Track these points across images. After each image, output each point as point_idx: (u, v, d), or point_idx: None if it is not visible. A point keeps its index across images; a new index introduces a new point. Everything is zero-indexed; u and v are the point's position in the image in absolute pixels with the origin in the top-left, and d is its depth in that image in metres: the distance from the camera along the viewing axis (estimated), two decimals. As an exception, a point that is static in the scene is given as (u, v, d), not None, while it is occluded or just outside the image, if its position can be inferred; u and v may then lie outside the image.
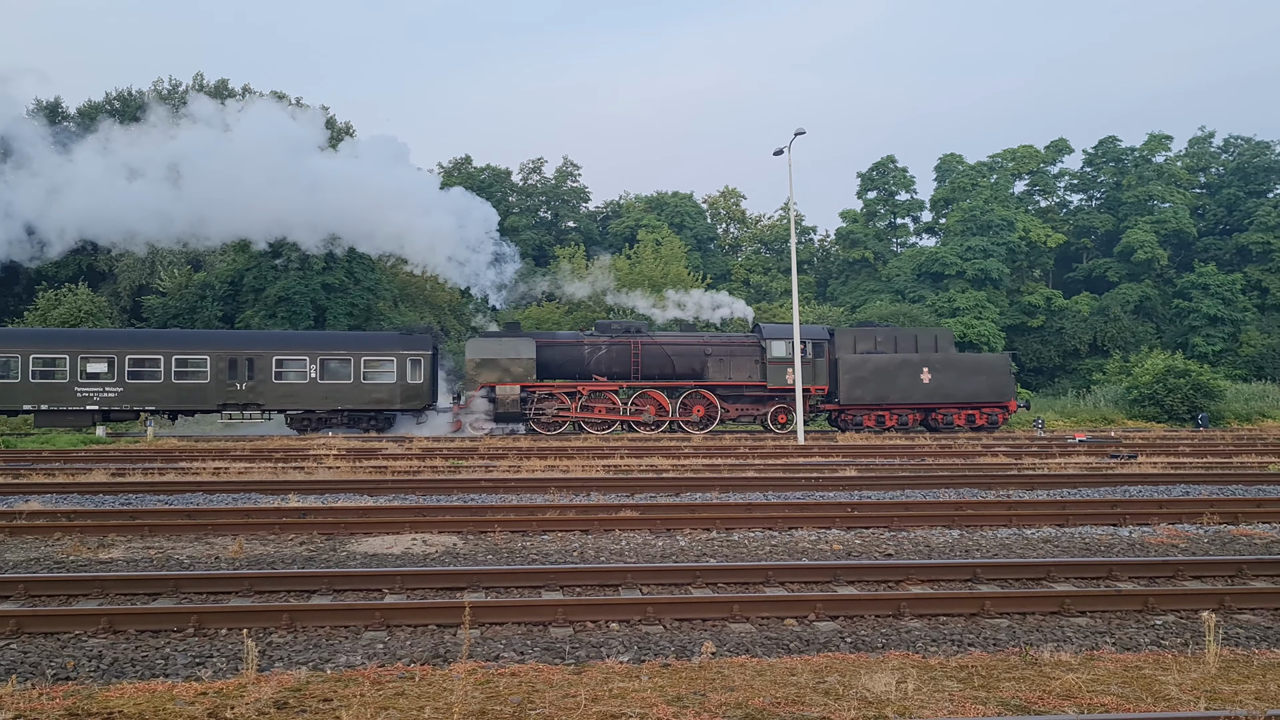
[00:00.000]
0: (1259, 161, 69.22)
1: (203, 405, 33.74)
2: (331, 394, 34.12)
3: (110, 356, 33.04)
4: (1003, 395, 36.80)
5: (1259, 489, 18.04)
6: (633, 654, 7.93)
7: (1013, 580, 10.51)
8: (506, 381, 33.91)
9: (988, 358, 38.41)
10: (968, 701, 6.50)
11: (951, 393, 36.32)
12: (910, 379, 36.15)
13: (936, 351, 36.93)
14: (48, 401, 32.66)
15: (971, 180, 68.38)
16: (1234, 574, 10.75)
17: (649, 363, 35.34)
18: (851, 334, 37.22)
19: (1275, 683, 6.92)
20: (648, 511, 14.47)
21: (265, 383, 33.84)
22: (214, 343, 34.64)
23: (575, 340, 35.88)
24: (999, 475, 19.57)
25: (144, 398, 33.21)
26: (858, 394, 36.07)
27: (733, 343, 36.31)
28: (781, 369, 35.63)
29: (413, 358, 34.49)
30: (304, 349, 34.47)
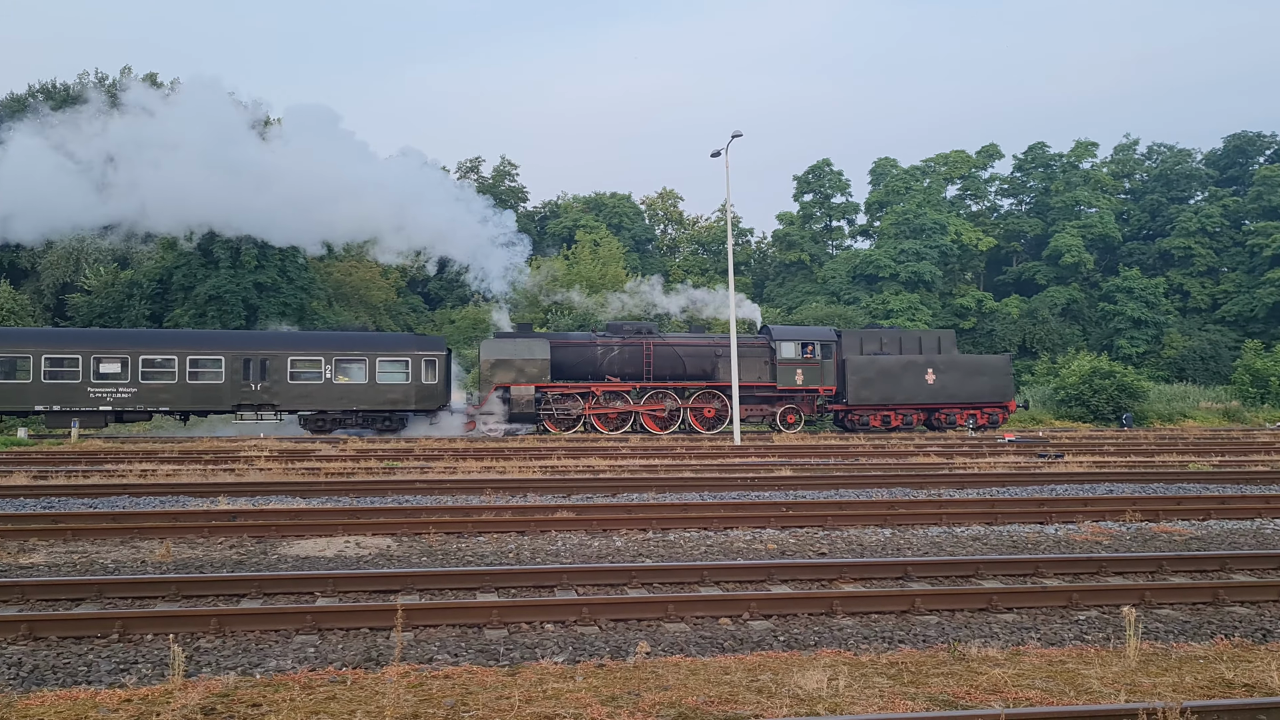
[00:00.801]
0: (1180, 169, 71.28)
1: (217, 406, 33.33)
2: (346, 395, 33.98)
3: (124, 356, 32.54)
4: (1003, 395, 37.74)
5: (1179, 487, 18.55)
6: (568, 655, 7.93)
7: (943, 578, 10.69)
8: (521, 382, 34.22)
9: (989, 359, 39.35)
10: (897, 698, 6.60)
11: (955, 393, 37.15)
12: (915, 380, 36.91)
13: (940, 353, 37.74)
14: (60, 402, 32.07)
15: (905, 184, 69.45)
16: (1154, 570, 11.05)
17: (660, 363, 35.76)
18: (858, 335, 38.11)
19: (1192, 675, 7.13)
20: (584, 512, 14.46)
21: (280, 383, 33.57)
22: (229, 343, 34.32)
23: (588, 341, 36.18)
24: (931, 475, 19.89)
25: (158, 398, 32.78)
26: (865, 394, 36.72)
27: (742, 344, 36.36)
28: (791, 369, 36.40)
29: (427, 358, 34.44)
30: (319, 349, 34.27)
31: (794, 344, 36.44)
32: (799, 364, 36.40)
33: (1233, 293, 66.20)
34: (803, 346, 36.77)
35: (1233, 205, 68.90)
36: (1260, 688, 6.82)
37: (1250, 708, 6.00)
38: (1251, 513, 15.29)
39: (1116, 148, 74.69)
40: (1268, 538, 13.62)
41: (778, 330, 37.42)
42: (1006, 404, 37.90)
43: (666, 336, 36.88)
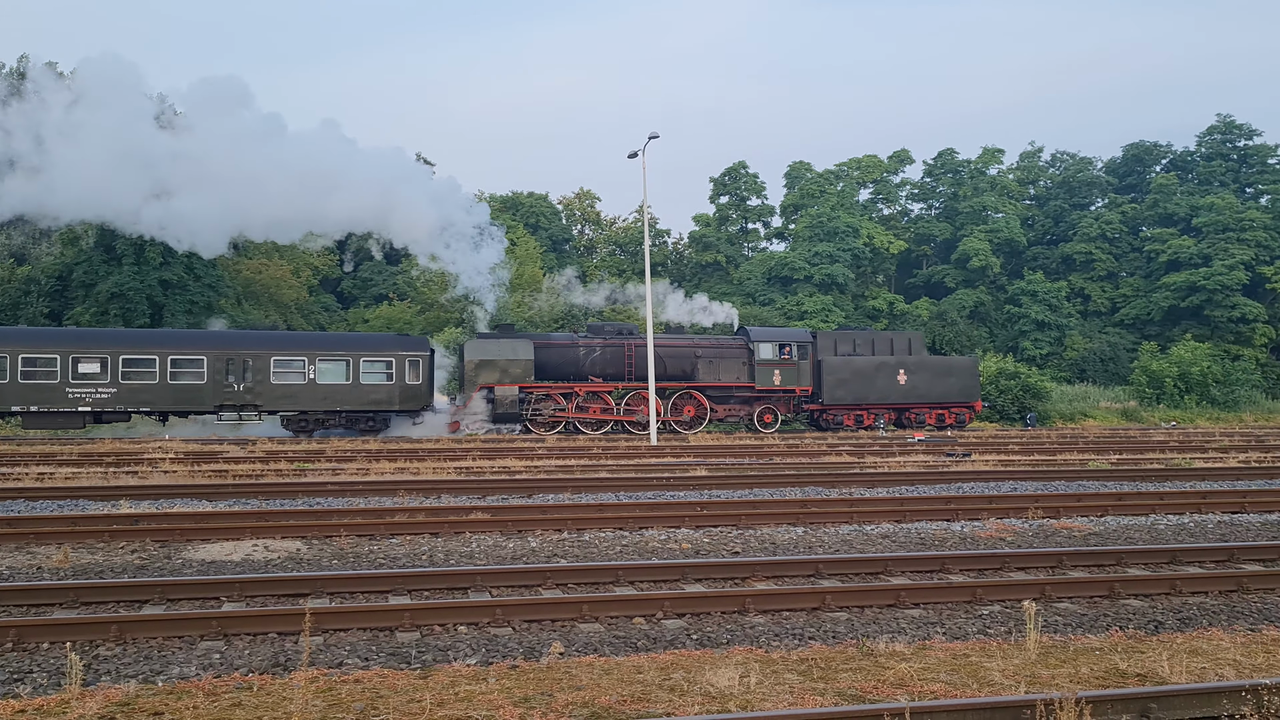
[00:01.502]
0: (1082, 176, 73.63)
1: (199, 406, 32.80)
2: (330, 395, 33.63)
3: (103, 356, 31.85)
4: (970, 395, 38.92)
5: (1079, 484, 19.16)
6: (481, 656, 7.89)
7: (853, 575, 10.88)
8: (505, 382, 34.36)
9: (957, 361, 40.68)
10: (807, 693, 6.70)
11: (925, 393, 38.17)
12: (888, 380, 37.89)
13: (910, 354, 38.73)
14: (38, 403, 31.29)
15: (819, 187, 70.47)
16: (1055, 565, 11.40)
17: (641, 364, 35.72)
18: (832, 337, 38.90)
19: (1088, 666, 7.37)
20: (499, 513, 14.40)
21: (263, 383, 33.13)
22: (211, 343, 33.82)
23: (570, 342, 36.33)
24: (842, 473, 20.23)
25: (138, 399, 32.15)
26: (839, 394, 37.54)
27: (721, 345, 37.27)
28: (769, 370, 37.00)
29: (411, 359, 34.23)
30: (302, 349, 33.94)
31: (772, 345, 37.17)
32: (777, 365, 37.08)
33: (1131, 297, 68.53)
34: (780, 348, 37.40)
35: (1131, 212, 71.35)
36: (1152, 677, 7.08)
37: (1142, 697, 6.23)
38: (1146, 509, 15.87)
39: (1022, 155, 76.82)
40: (1161, 533, 14.15)
41: (756, 331, 38.06)
42: (973, 404, 39.12)
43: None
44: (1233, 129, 73.06)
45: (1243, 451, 27.82)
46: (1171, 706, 6.20)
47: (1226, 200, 66.57)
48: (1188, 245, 65.61)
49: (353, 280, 64.59)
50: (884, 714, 5.69)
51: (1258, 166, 72.41)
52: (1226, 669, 7.33)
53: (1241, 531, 14.30)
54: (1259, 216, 65.18)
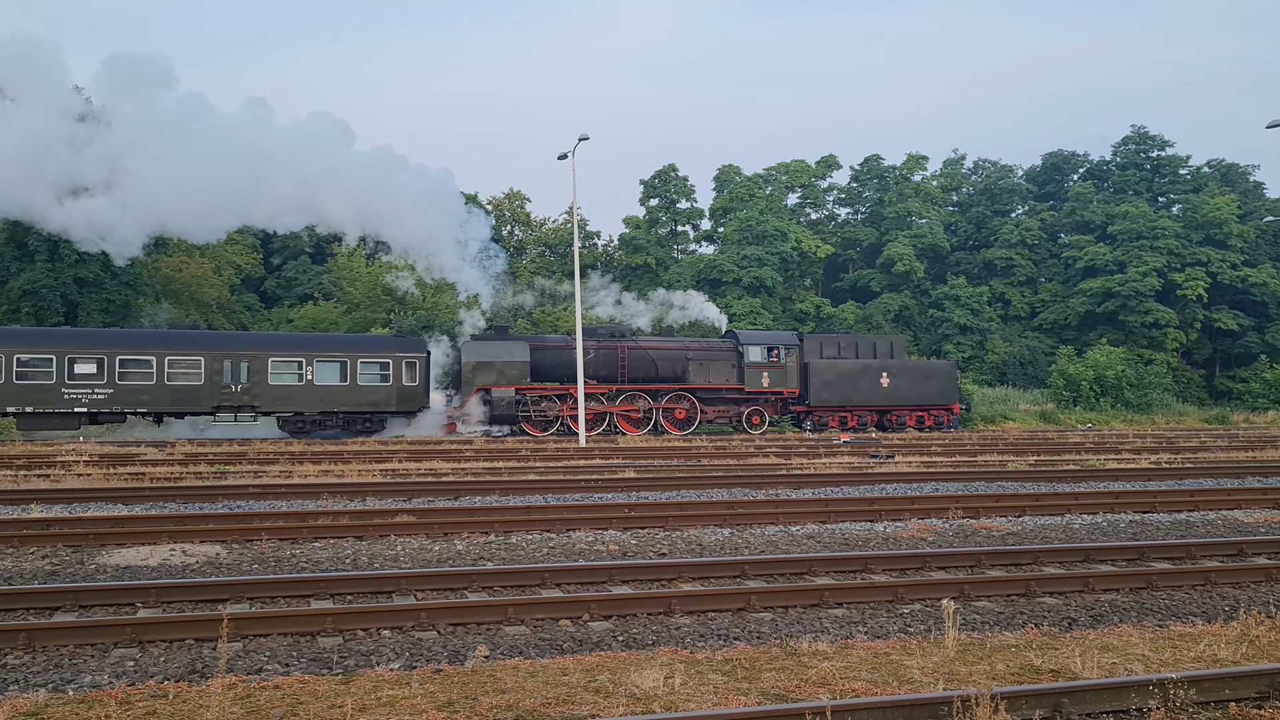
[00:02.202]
0: (1003, 184, 75.33)
1: (196, 407, 32.68)
2: (327, 396, 33.73)
3: (100, 357, 31.69)
4: (948, 398, 40.05)
5: (999, 485, 19.59)
6: (404, 661, 7.81)
7: (778, 576, 10.99)
8: (502, 384, 34.79)
9: (937, 364, 41.98)
10: (731, 693, 6.76)
11: (906, 396, 39.27)
12: (871, 383, 38.90)
13: (893, 358, 39.74)
14: (33, 403, 31.07)
15: (748, 191, 71.02)
16: (974, 564, 11.64)
17: (635, 366, 36.60)
18: (818, 340, 39.67)
19: (1003, 663, 7.55)
20: (425, 516, 14.27)
21: (260, 384, 33.13)
22: (208, 343, 33.69)
23: (565, 344, 36.61)
24: (769, 475, 20.41)
25: (135, 399, 31.97)
26: (825, 396, 38.46)
27: (711, 348, 38.11)
28: (758, 372, 37.85)
29: (408, 360, 34.50)
30: (299, 350, 33.96)
31: (760, 348, 38.10)
32: (765, 367, 37.94)
33: (1049, 302, 70.25)
34: (768, 351, 38.27)
35: (1050, 219, 73.18)
36: (1065, 673, 7.28)
37: (1055, 692, 6.39)
38: (1062, 509, 16.29)
39: (945, 162, 78.36)
40: (1076, 532, 14.53)
41: (744, 335, 39.10)
42: (951, 406, 40.32)
43: (639, 340, 37.90)
44: (1146, 140, 75.35)
45: (1154, 453, 28.68)
46: (1082, 701, 6.37)
47: (1140, 209, 68.61)
48: (1103, 252, 67.47)
49: (277, 280, 63.46)
50: (805, 713, 5.76)
51: (1169, 177, 74.78)
52: (1135, 664, 7.55)
53: (1151, 530, 14.75)
54: (1170, 225, 67.28)
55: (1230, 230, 67.32)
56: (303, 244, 62.80)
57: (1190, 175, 74.80)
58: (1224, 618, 9.36)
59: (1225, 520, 15.56)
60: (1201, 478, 21.40)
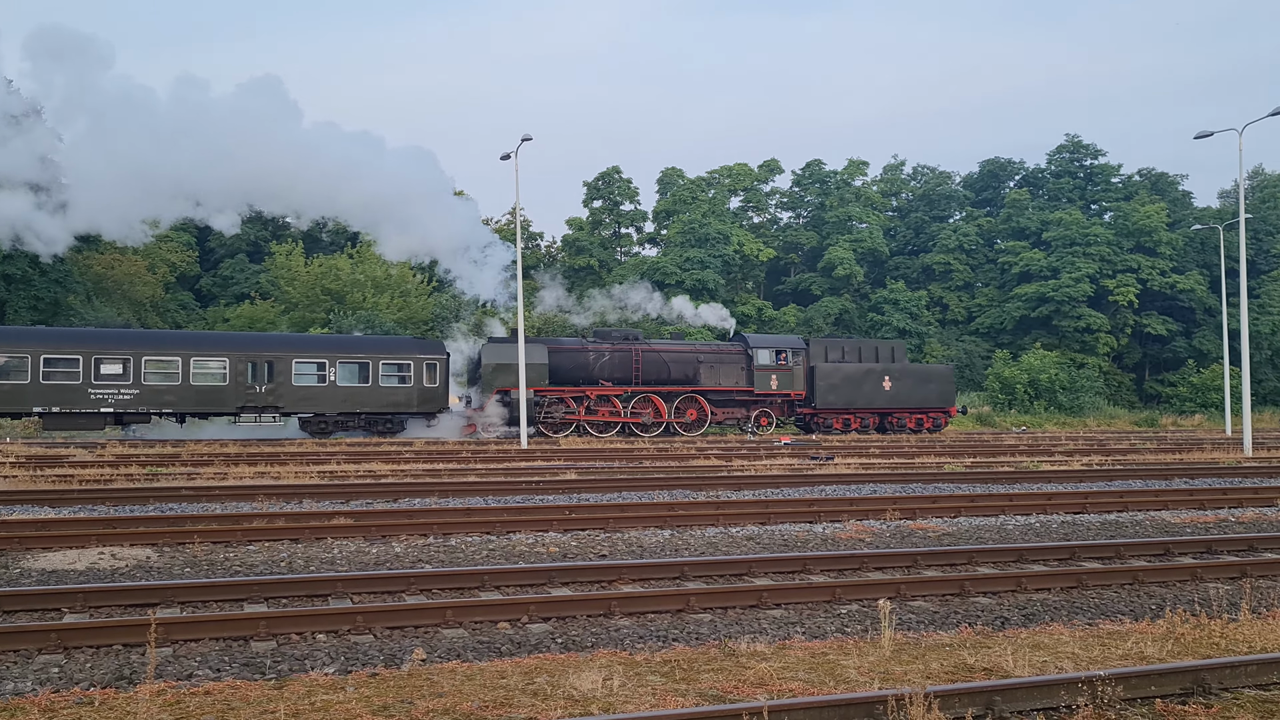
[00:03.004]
0: (941, 190, 76.53)
1: (221, 408, 32.98)
2: (350, 397, 34.14)
3: (126, 357, 31.84)
4: (946, 401, 41.25)
5: (935, 487, 19.87)
6: (340, 665, 7.70)
7: (717, 577, 11.02)
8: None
9: (935, 368, 43.59)
10: (669, 694, 6.76)
11: (906, 399, 40.37)
12: (874, 386, 39.97)
13: (894, 362, 40.93)
14: (59, 403, 31.12)
15: (691, 194, 71.31)
16: (910, 565, 11.78)
17: (648, 369, 37.39)
18: (823, 344, 40.83)
19: (938, 662, 7.65)
20: (363, 518, 14.10)
21: (284, 385, 33.42)
22: (233, 344, 34.14)
23: (581, 347, 37.49)
24: (710, 477, 20.49)
25: (161, 400, 32.22)
26: (831, 399, 39.50)
27: (722, 351, 39.19)
28: (767, 375, 38.83)
29: (428, 362, 34.99)
30: (323, 352, 34.39)
31: (769, 351, 39.11)
32: (774, 370, 38.90)
33: (986, 306, 71.48)
34: (776, 354, 39.27)
35: (986, 225, 74.49)
36: (997, 671, 7.39)
37: (987, 690, 6.49)
38: (997, 510, 16.55)
39: (885, 168, 79.44)
40: (1009, 533, 14.78)
41: (753, 339, 40.29)
42: (949, 409, 41.59)
43: (652, 343, 38.99)
44: (1080, 149, 77.02)
45: (1086, 455, 29.29)
46: (1014, 699, 6.47)
47: (1073, 216, 70.11)
48: (1038, 258, 68.82)
49: (212, 278, 62.34)
50: (743, 713, 5.78)
51: (1102, 185, 76.52)
52: (1066, 662, 7.69)
53: (1083, 531, 15.05)
54: (1102, 232, 68.86)
55: (1160, 238, 69.10)
56: (240, 242, 61.79)
57: (1121, 184, 76.60)
58: (1151, 616, 9.58)
59: (1153, 521, 15.93)
60: (1131, 479, 21.89)
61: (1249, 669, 7.15)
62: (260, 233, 63.82)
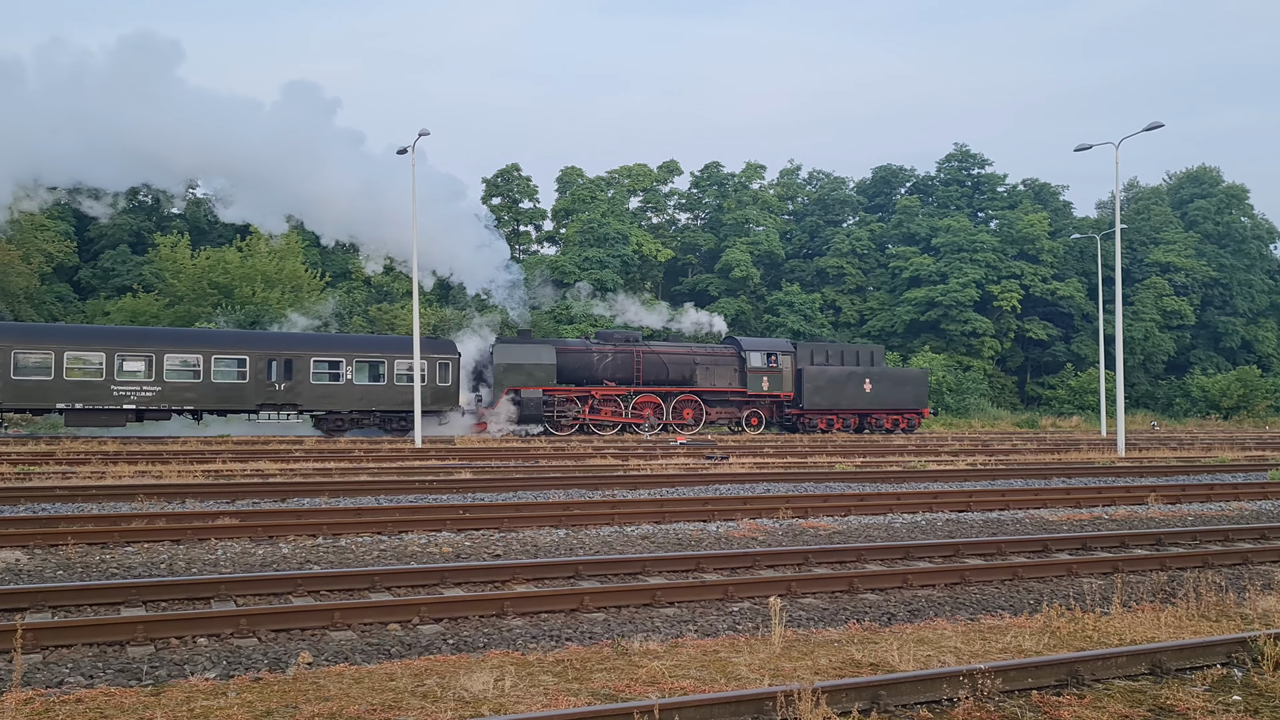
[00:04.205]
0: (836, 195, 77.99)
1: (241, 405, 33.54)
2: (366, 395, 34.97)
3: (148, 355, 32.37)
4: (920, 402, 43.90)
5: (827, 486, 20.24)
6: (221, 669, 7.48)
7: (612, 576, 11.04)
8: (530, 386, 36.73)
9: (911, 372, 46.13)
10: (561, 694, 6.74)
11: (885, 400, 42.74)
12: (856, 388, 42.19)
13: (874, 365, 43.32)
14: (82, 400, 31.46)
15: (590, 193, 71.24)
16: (801, 563, 11.97)
17: (648, 370, 39.22)
18: (809, 347, 43.02)
19: (827, 658, 7.78)
20: (249, 518, 13.74)
21: (303, 383, 34.13)
22: (253, 343, 34.72)
23: (585, 348, 38.98)
24: (606, 476, 20.52)
25: (182, 397, 32.74)
26: (817, 400, 41.51)
27: (716, 353, 41.05)
28: (759, 376, 40.75)
29: (441, 361, 36.05)
30: (340, 351, 35.11)
31: (761, 353, 41.04)
32: (765, 372, 40.80)
33: (877, 310, 73.11)
34: (768, 356, 41.12)
35: (878, 230, 76.17)
36: (883, 666, 7.55)
37: (873, 685, 6.63)
38: (885, 508, 16.95)
39: (782, 172, 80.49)
40: (897, 530, 15.14)
41: (746, 341, 42.00)
42: (922, 410, 44.12)
43: (652, 345, 40.61)
44: (968, 158, 79.36)
45: (971, 455, 30.21)
46: (899, 693, 6.62)
47: (961, 223, 72.20)
48: (928, 263, 70.68)
49: (92, 270, 59.91)
50: (634, 712, 5.79)
51: (988, 194, 78.98)
52: (949, 656, 7.90)
53: (966, 529, 15.50)
54: (988, 239, 71.08)
55: (1042, 246, 71.66)
56: (122, 232, 59.53)
57: (1006, 193, 79.15)
58: (1029, 610, 9.91)
59: (1032, 518, 16.50)
60: (1012, 478, 22.65)
61: (1119, 660, 7.46)
62: (144, 223, 61.54)
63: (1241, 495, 19.75)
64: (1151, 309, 72.48)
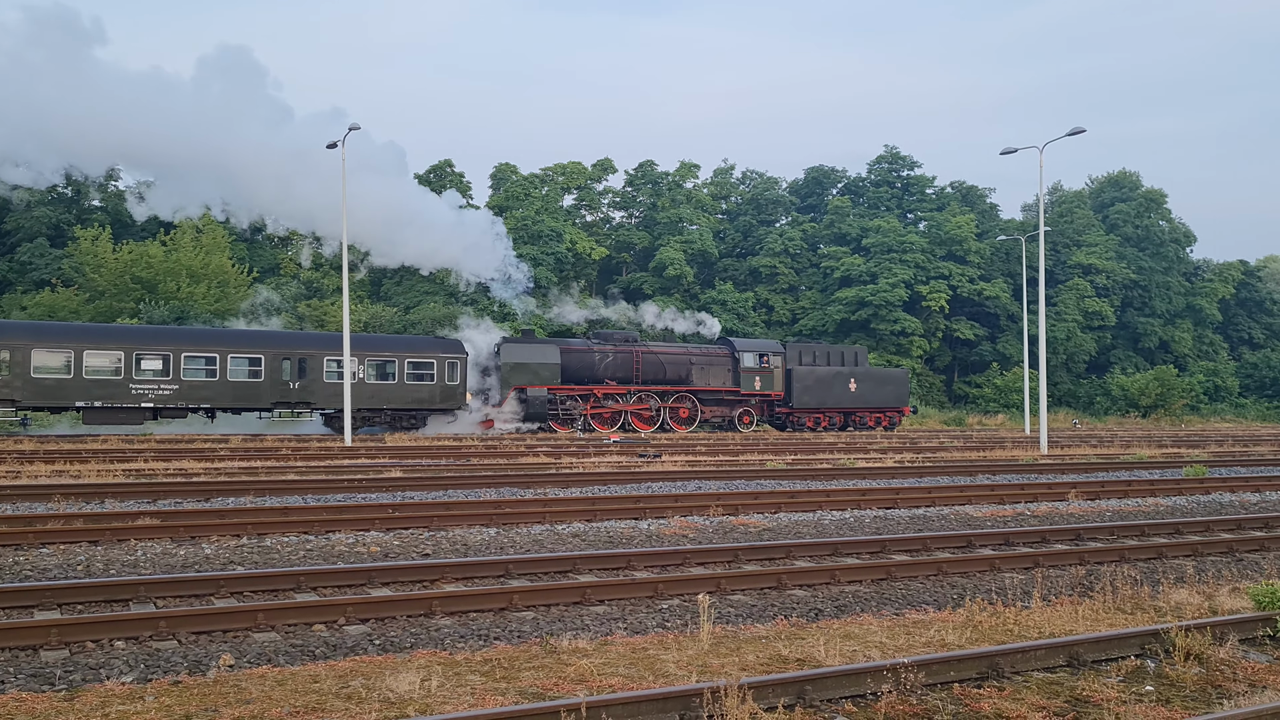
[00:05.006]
0: (769, 195, 78.61)
1: (255, 403, 33.87)
2: (377, 394, 35.61)
3: (166, 354, 32.65)
4: (901, 401, 45.80)
5: (757, 483, 20.40)
6: (139, 673, 7.31)
7: (542, 574, 11.00)
8: (536, 384, 37.84)
9: (892, 372, 47.98)
10: (489, 694, 6.70)
11: (868, 399, 44.61)
12: (842, 388, 43.95)
13: (858, 365, 45.12)
14: (101, 398, 31.76)
15: (524, 190, 70.93)
16: (731, 560, 12.05)
17: (647, 370, 40.44)
18: (797, 348, 44.60)
19: (754, 654, 7.84)
20: (170, 518, 13.44)
21: (316, 382, 34.70)
22: (269, 342, 35.17)
23: (587, 348, 40.01)
24: (538, 474, 20.44)
25: (199, 395, 33.11)
26: (806, 399, 43.20)
27: (711, 353, 42.34)
28: (752, 376, 42.17)
29: (450, 361, 36.80)
30: (354, 350, 34.64)
31: (754, 354, 42.52)
32: (758, 372, 42.26)
33: (809, 309, 73.84)
34: (760, 356, 42.56)
35: (811, 230, 76.95)
36: (810, 661, 7.63)
37: (799, 680, 6.70)
38: (815, 505, 17.12)
39: (716, 171, 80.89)
40: (826, 527, 15.30)
41: (739, 342, 43.43)
42: (903, 409, 46.09)
43: (650, 345, 41.62)
44: (898, 160, 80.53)
45: (899, 453, 30.67)
46: (824, 688, 6.70)
47: (891, 224, 73.24)
48: (858, 263, 71.57)
49: (8, 263, 58.10)
50: (561, 710, 5.78)
51: (917, 195, 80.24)
52: (874, 650, 8.01)
53: (893, 525, 15.72)
54: (917, 240, 72.20)
55: (969, 247, 72.99)
56: (40, 225, 57.85)
57: (935, 195, 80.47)
58: (953, 605, 10.10)
59: (957, 515, 16.80)
60: (939, 475, 23.04)
61: (1038, 653, 7.64)
62: (63, 215, 59.85)
63: (1157, 491, 20.33)
64: (1074, 310, 74.23)
